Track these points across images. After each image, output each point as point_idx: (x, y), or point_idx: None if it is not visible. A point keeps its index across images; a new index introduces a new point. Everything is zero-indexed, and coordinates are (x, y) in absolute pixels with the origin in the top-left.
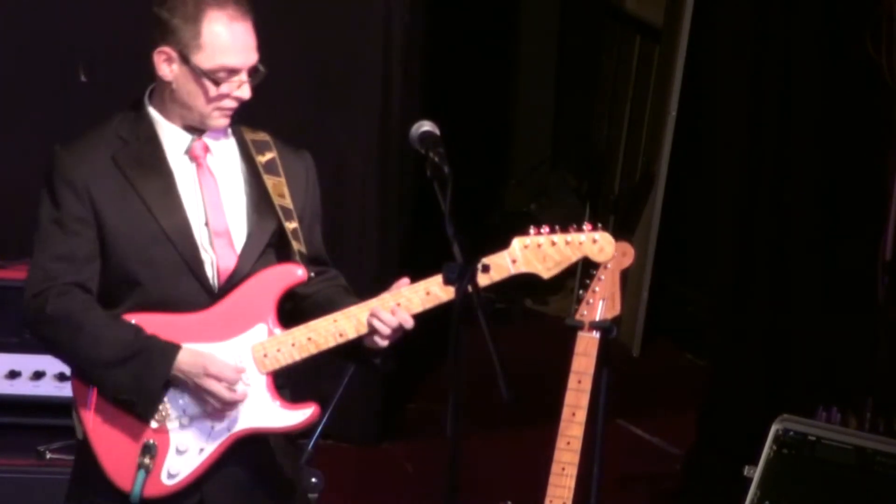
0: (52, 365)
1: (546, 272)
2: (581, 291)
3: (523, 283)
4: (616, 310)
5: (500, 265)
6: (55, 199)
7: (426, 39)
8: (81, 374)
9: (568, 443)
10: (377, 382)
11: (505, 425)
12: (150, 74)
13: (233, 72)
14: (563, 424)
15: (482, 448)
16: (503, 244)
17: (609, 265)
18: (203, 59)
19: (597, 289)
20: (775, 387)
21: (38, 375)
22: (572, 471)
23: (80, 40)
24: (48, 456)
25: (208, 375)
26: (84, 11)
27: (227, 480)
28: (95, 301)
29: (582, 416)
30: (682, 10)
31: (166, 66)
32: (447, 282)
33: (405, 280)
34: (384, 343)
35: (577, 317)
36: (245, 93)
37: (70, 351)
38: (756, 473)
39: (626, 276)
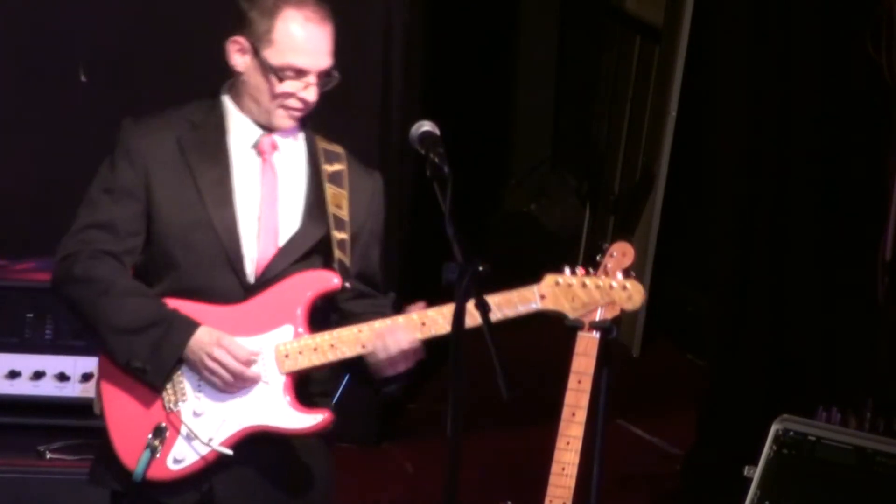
0: (51, 365)
1: (572, 312)
2: None
3: (523, 283)
4: (616, 310)
5: (528, 298)
6: (112, 167)
7: (426, 39)
8: (99, 338)
9: (568, 443)
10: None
11: (505, 425)
12: (151, 74)
13: (301, 73)
14: (563, 424)
15: (482, 448)
16: (503, 244)
17: (609, 265)
18: (272, 55)
19: None
20: (775, 387)
21: (37, 375)
22: (572, 471)
23: (80, 40)
24: (48, 456)
25: (220, 346)
26: (84, 11)
27: (238, 477)
28: (127, 272)
29: (582, 416)
30: (682, 10)
31: (238, 56)
32: (447, 282)
33: (421, 304)
34: (388, 367)
35: (577, 317)
36: (311, 95)
37: (92, 314)
38: (756, 473)
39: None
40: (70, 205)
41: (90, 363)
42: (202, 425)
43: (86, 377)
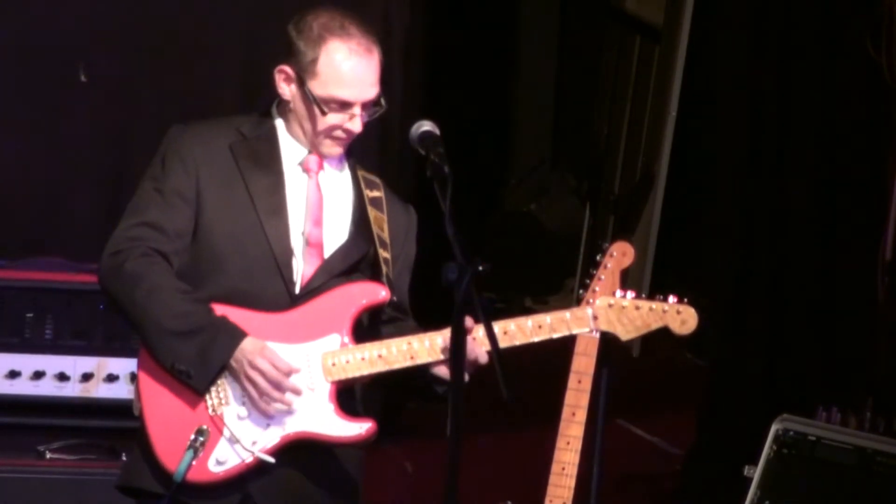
0: (51, 365)
1: (624, 334)
2: (581, 291)
3: (523, 283)
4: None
5: (581, 318)
6: (164, 168)
7: (426, 40)
8: (143, 337)
9: (568, 442)
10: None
11: (505, 425)
12: (151, 74)
13: (345, 105)
14: (563, 424)
15: (482, 448)
16: (503, 244)
17: (609, 264)
18: (316, 87)
19: (597, 289)
20: (775, 387)
21: (38, 375)
22: (572, 470)
23: (80, 40)
24: (48, 456)
25: (262, 356)
26: (84, 11)
27: (276, 483)
28: (174, 273)
29: (582, 415)
30: (682, 10)
31: (285, 85)
32: (447, 282)
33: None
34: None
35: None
36: (356, 126)
37: (140, 312)
38: (756, 473)
39: (625, 275)
40: (70, 204)
41: (90, 363)
42: (246, 429)
43: (86, 377)
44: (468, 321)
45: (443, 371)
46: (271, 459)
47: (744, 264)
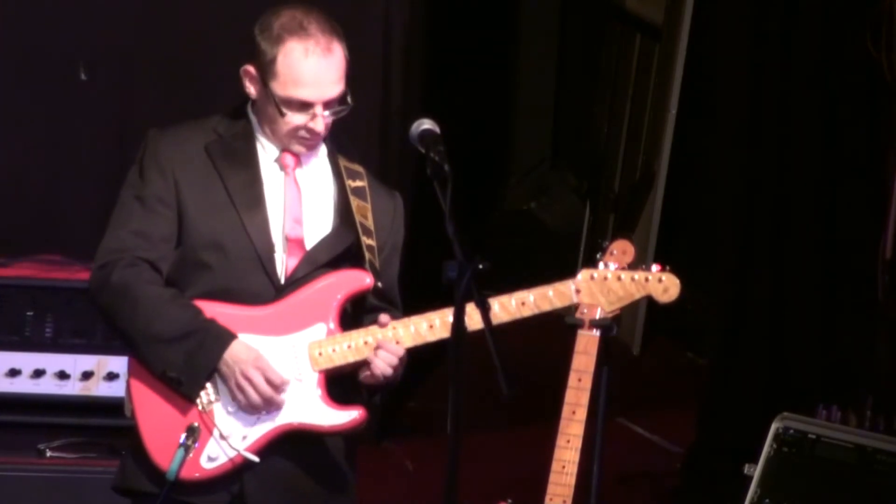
0: (52, 363)
1: (608, 306)
2: None
3: (523, 281)
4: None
5: (564, 293)
6: (143, 176)
7: (426, 39)
8: (134, 347)
9: (568, 441)
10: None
11: (505, 424)
12: (151, 73)
13: (305, 105)
14: (563, 422)
15: (482, 447)
16: (503, 243)
17: (609, 263)
18: (277, 87)
19: None
20: (775, 385)
21: (38, 374)
22: (573, 469)
23: (80, 39)
24: (48, 454)
25: (256, 367)
26: (84, 10)
27: (270, 475)
28: (162, 280)
29: (582, 414)
30: (683, 8)
31: (250, 85)
32: (447, 280)
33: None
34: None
35: (578, 315)
36: (318, 126)
37: (128, 322)
38: (756, 471)
39: None
40: (70, 203)
41: (90, 361)
42: (236, 424)
43: (86, 375)
44: (384, 317)
45: (366, 379)
46: (256, 459)
47: (744, 263)
